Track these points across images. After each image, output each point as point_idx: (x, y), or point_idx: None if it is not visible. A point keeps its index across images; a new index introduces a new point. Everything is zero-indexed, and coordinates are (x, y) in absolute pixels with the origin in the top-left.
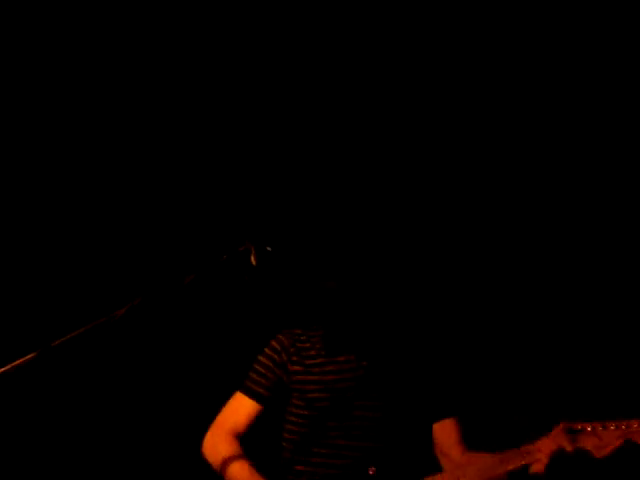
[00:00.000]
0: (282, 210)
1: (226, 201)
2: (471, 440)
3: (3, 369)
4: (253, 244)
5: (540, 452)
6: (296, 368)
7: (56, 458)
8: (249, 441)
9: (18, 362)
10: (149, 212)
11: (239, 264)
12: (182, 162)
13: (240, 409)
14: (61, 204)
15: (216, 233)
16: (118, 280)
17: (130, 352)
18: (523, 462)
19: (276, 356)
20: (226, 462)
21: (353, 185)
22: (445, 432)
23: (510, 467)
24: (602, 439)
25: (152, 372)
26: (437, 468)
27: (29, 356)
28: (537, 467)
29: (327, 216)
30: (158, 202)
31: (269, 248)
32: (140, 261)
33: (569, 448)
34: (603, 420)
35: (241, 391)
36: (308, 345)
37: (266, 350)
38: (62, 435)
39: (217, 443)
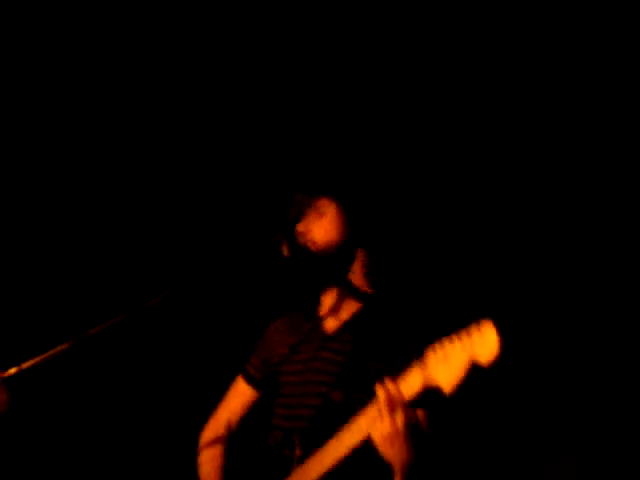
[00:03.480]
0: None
1: (258, 193)
2: None
3: (41, 357)
4: (285, 235)
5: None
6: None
7: (91, 443)
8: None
9: (55, 350)
10: (183, 204)
11: (271, 255)
12: (215, 155)
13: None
14: (94, 197)
15: (248, 224)
16: (152, 271)
17: (163, 341)
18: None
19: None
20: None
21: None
22: None
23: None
24: (449, 361)
25: (185, 360)
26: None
27: (65, 344)
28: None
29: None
30: (192, 194)
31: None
32: (173, 253)
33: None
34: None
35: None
36: (290, 322)
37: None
38: (98, 420)
39: (203, 456)
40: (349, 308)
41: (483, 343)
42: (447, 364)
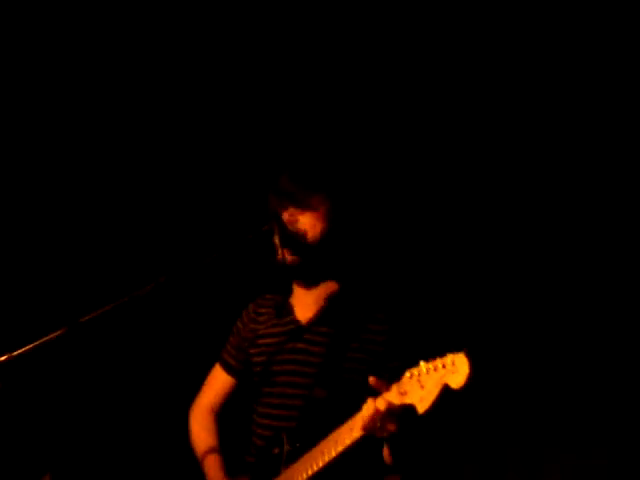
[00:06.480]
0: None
1: (251, 181)
2: None
3: (32, 345)
4: (277, 224)
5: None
6: (248, 333)
7: (83, 432)
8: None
9: (47, 338)
10: (175, 192)
11: (263, 243)
12: (208, 143)
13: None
14: (86, 186)
15: (241, 212)
16: (144, 258)
17: (155, 328)
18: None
19: (239, 325)
20: (201, 456)
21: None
22: None
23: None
24: (424, 386)
25: (175, 348)
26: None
27: (58, 332)
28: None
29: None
30: (184, 182)
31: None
32: (166, 240)
33: (397, 402)
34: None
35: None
36: (263, 310)
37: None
38: (90, 408)
39: (195, 431)
40: (324, 299)
41: (455, 371)
42: (423, 390)
